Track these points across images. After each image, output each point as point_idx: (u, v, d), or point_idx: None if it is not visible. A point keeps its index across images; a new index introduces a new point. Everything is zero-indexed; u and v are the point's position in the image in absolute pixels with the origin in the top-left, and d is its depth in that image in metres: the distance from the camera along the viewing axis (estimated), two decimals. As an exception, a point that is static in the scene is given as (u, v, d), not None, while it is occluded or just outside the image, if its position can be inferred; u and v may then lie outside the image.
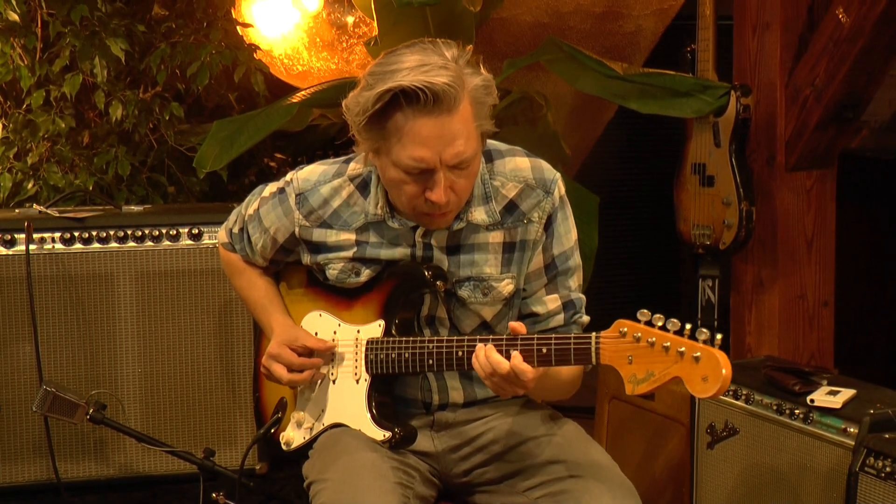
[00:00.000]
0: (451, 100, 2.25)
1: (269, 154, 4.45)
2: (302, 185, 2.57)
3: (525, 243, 2.50)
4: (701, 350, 2.03)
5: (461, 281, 2.50)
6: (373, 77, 2.29)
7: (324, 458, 2.51)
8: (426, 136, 2.27)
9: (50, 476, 3.40)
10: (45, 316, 3.42)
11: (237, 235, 2.73)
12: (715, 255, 3.97)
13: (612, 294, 5.48)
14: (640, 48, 4.75)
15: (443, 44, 2.33)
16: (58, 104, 3.94)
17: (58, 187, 3.87)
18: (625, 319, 2.15)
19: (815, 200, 3.98)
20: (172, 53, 4.00)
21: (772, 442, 3.11)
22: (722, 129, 3.83)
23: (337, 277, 2.56)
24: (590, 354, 2.19)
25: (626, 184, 5.38)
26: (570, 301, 2.56)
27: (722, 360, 2.02)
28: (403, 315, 2.51)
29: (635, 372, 2.10)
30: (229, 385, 3.52)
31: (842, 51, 3.67)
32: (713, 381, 2.02)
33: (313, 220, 2.55)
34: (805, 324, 4.02)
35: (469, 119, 2.31)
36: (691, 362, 2.04)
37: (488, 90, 2.34)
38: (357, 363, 2.53)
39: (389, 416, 2.51)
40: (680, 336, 2.07)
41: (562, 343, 2.24)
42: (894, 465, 2.75)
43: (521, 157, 2.54)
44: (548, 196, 2.50)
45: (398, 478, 2.42)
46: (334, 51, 4.46)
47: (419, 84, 2.22)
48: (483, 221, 2.47)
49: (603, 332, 2.18)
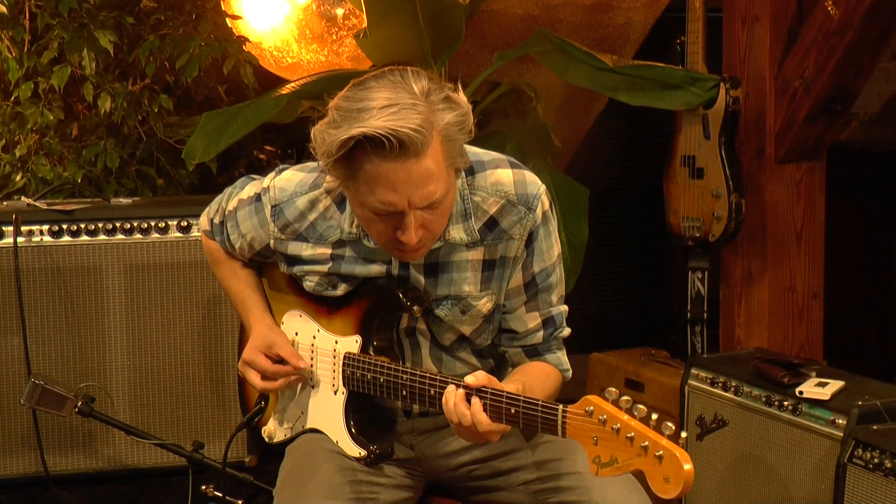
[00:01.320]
0: (418, 145, 2.15)
1: (258, 146, 4.44)
2: (278, 196, 2.49)
3: (505, 260, 2.44)
4: (664, 449, 1.97)
5: (439, 300, 2.44)
6: (340, 113, 2.19)
7: (287, 470, 2.50)
8: (393, 180, 2.18)
9: (38, 469, 3.39)
10: (34, 309, 3.41)
11: (217, 227, 2.68)
12: (704, 248, 3.97)
13: (602, 286, 5.49)
14: (629, 40, 4.75)
15: (412, 75, 2.22)
16: (46, 96, 3.93)
17: (46, 180, 3.85)
18: (593, 397, 2.08)
19: (804, 193, 3.99)
20: (161, 45, 3.98)
21: (761, 434, 3.11)
22: (711, 122, 3.84)
23: (314, 289, 2.51)
24: (556, 426, 2.13)
25: (616, 176, 5.39)
26: (551, 318, 2.51)
27: (684, 463, 1.96)
28: (380, 335, 2.46)
29: (600, 454, 2.04)
30: (218, 378, 3.52)
31: (831, 43, 3.67)
32: (675, 484, 1.96)
33: (289, 234, 2.49)
34: (794, 316, 4.02)
35: (439, 160, 2.21)
36: (654, 460, 1.98)
37: (462, 125, 2.23)
38: (335, 374, 2.49)
39: (367, 433, 2.47)
40: (646, 425, 2.01)
41: (530, 408, 2.16)
42: (882, 456, 2.76)
43: (504, 168, 2.44)
44: (529, 213, 2.41)
45: (355, 493, 2.40)
46: (324, 43, 4.45)
47: (383, 132, 2.12)
48: (461, 240, 2.40)
49: (570, 406, 2.11)
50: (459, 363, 2.52)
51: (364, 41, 3.98)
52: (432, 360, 2.52)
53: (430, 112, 2.19)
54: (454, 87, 2.27)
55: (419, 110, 2.16)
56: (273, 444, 2.64)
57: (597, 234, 3.94)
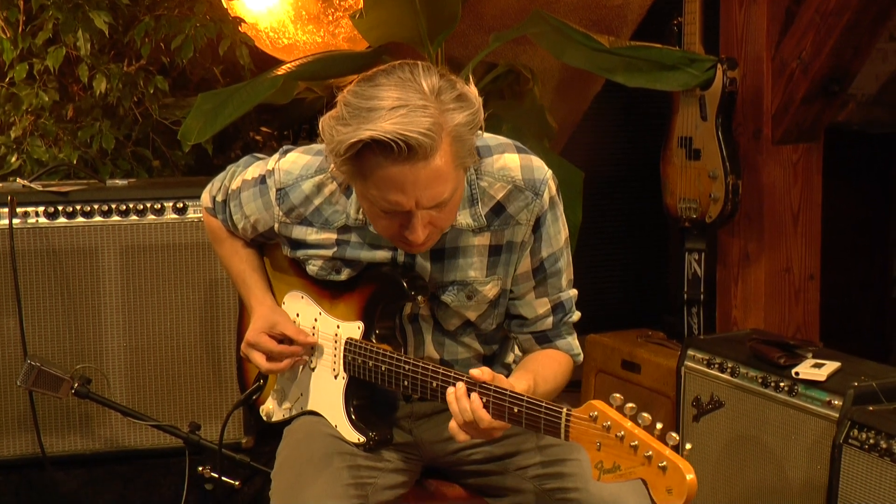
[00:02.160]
0: (427, 148, 2.13)
1: (254, 127, 4.43)
2: (283, 179, 2.47)
3: (512, 245, 2.43)
4: (667, 460, 1.96)
5: (445, 285, 2.43)
6: (349, 110, 2.16)
7: (286, 453, 2.50)
8: (401, 182, 2.16)
9: (35, 450, 3.40)
10: (30, 290, 3.41)
11: (220, 205, 2.66)
12: (701, 229, 3.97)
13: (599, 268, 5.49)
14: (627, 21, 4.73)
15: (423, 72, 2.19)
16: (41, 77, 3.91)
17: (41, 161, 3.84)
18: (597, 402, 2.07)
19: (801, 174, 3.99)
20: (156, 26, 3.96)
21: (757, 414, 3.12)
22: (708, 103, 3.83)
23: (317, 274, 2.50)
24: (559, 429, 2.11)
25: (613, 157, 5.38)
26: (560, 303, 2.50)
27: (687, 474, 1.95)
28: (383, 323, 2.46)
29: (602, 460, 2.03)
30: (215, 359, 3.51)
31: (828, 24, 3.66)
32: (677, 495, 1.95)
33: (294, 218, 2.48)
34: (791, 297, 4.03)
35: (448, 161, 2.18)
36: (657, 470, 1.97)
37: (472, 125, 2.20)
38: (336, 359, 2.49)
39: (366, 419, 2.48)
40: (650, 434, 2.00)
41: (533, 409, 2.14)
42: (878, 437, 2.77)
43: (510, 153, 2.42)
44: (537, 198, 2.40)
45: (354, 478, 2.40)
46: (320, 24, 4.43)
47: (391, 136, 2.10)
48: (468, 226, 2.39)
49: (574, 410, 2.10)
50: (462, 348, 2.51)
51: (360, 22, 3.97)
52: (434, 347, 2.51)
53: (441, 113, 2.15)
54: (465, 81, 2.24)
55: (429, 112, 2.13)
56: (271, 423, 2.64)
57: (593, 215, 3.94)
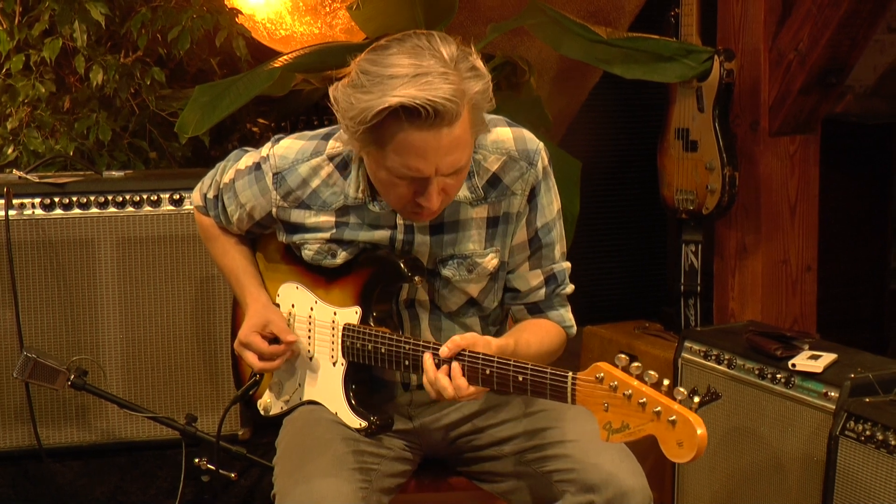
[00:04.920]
0: (452, 114, 2.17)
1: (251, 119, 4.42)
2: (279, 164, 2.48)
3: (509, 216, 2.46)
4: (677, 414, 1.96)
5: (444, 260, 2.46)
6: (368, 78, 2.18)
7: (288, 440, 2.51)
8: (424, 148, 2.20)
9: (32, 442, 3.39)
10: (26, 282, 3.40)
11: (212, 202, 2.67)
12: (698, 221, 3.96)
13: (596, 260, 5.49)
14: (624, 12, 4.72)
15: (440, 41, 2.21)
16: (38, 69, 3.90)
17: (38, 153, 3.83)
18: (603, 364, 2.08)
19: (798, 165, 3.98)
20: (153, 18, 3.95)
21: (753, 406, 3.12)
22: (705, 94, 3.82)
23: (312, 258, 2.51)
24: (565, 393, 2.13)
25: (610, 149, 5.37)
26: (553, 275, 2.53)
27: (698, 427, 1.95)
28: (380, 306, 2.47)
29: (611, 420, 2.03)
30: (211, 351, 3.51)
31: (825, 15, 3.65)
32: (688, 448, 1.96)
33: (291, 202, 2.49)
34: (788, 289, 4.03)
35: (467, 128, 2.23)
36: (667, 425, 1.97)
37: (486, 94, 2.24)
38: (333, 346, 2.49)
39: (366, 404, 2.48)
40: (657, 391, 2.00)
41: (538, 376, 2.16)
42: (874, 428, 2.77)
43: (502, 126, 2.47)
44: (531, 168, 2.44)
45: (358, 463, 2.41)
46: (317, 15, 4.43)
47: (420, 102, 2.13)
48: (466, 198, 2.42)
49: (580, 373, 2.11)
50: (462, 330, 2.51)
51: (357, 13, 3.96)
52: (431, 331, 2.52)
53: (461, 81, 2.19)
54: (477, 55, 2.27)
55: (451, 80, 2.17)
56: (268, 416, 2.64)
57: (590, 207, 3.94)
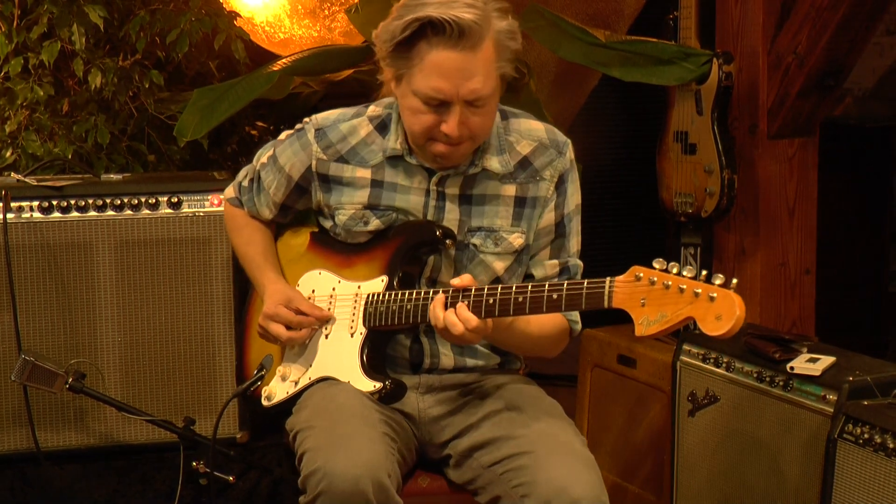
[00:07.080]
0: (476, 36, 2.37)
1: (250, 122, 4.42)
2: (321, 122, 2.67)
3: (536, 200, 2.60)
4: (717, 291, 2.08)
5: (472, 230, 2.58)
6: (404, 9, 2.42)
7: (310, 409, 2.54)
8: (447, 68, 2.39)
9: (30, 445, 3.39)
10: (24, 285, 3.40)
11: (245, 188, 2.82)
12: (697, 224, 3.96)
13: (595, 263, 5.47)
14: (623, 15, 4.73)
15: None
16: (36, 72, 3.90)
17: (36, 156, 3.83)
18: (640, 266, 2.20)
19: (797, 168, 3.98)
20: (152, 20, 3.96)
21: (752, 409, 3.11)
22: (704, 97, 3.82)
23: (345, 224, 2.62)
24: (602, 298, 2.24)
25: (609, 152, 5.37)
26: (567, 267, 2.67)
27: (737, 301, 2.08)
28: (407, 269, 2.56)
29: (647, 314, 2.15)
30: (209, 354, 3.51)
31: (824, 18, 3.65)
32: (727, 319, 2.07)
33: (331, 154, 2.64)
34: (787, 291, 4.02)
35: (490, 59, 2.41)
36: (706, 302, 2.08)
37: (512, 35, 2.47)
38: (354, 317, 2.57)
39: (380, 369, 2.54)
40: (695, 280, 2.12)
41: (574, 289, 2.28)
42: (873, 431, 2.76)
43: (534, 120, 2.66)
44: (560, 156, 2.62)
45: (385, 429, 2.46)
46: (316, 18, 4.43)
47: (447, 17, 2.35)
48: (497, 170, 2.57)
49: (618, 276, 2.23)
50: None
51: (356, 16, 3.96)
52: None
53: (486, 14, 2.40)
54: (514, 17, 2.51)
55: (477, 10, 2.41)
56: (271, 405, 2.65)
57: (589, 210, 3.91)
